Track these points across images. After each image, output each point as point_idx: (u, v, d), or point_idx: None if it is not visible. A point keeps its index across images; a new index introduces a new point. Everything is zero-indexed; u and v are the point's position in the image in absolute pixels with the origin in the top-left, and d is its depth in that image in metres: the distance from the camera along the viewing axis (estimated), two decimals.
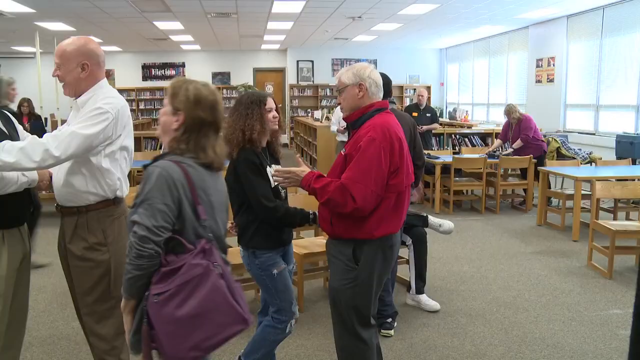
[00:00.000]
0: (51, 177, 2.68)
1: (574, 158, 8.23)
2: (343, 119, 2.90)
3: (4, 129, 2.56)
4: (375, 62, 17.25)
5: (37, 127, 9.19)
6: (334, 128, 8.12)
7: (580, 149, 8.70)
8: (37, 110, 12.28)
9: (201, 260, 1.95)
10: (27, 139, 2.51)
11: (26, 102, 9.60)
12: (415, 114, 9.18)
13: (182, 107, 2.07)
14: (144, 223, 1.91)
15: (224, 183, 2.28)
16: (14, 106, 7.70)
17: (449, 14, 11.21)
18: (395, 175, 2.63)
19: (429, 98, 17.78)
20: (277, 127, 3.06)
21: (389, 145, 2.59)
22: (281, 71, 18.54)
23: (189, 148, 2.06)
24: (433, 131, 9.83)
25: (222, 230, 2.20)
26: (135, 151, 9.80)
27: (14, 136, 2.65)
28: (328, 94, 17.73)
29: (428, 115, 9.64)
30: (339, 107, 8.06)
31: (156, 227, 1.91)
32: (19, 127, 2.78)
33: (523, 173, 8.47)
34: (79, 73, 2.64)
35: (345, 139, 7.39)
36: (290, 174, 2.76)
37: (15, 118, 2.78)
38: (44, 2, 9.58)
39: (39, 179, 2.61)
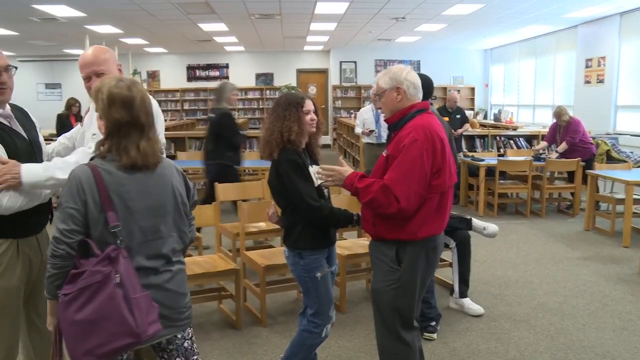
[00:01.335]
0: None
1: (625, 161, 7.98)
2: (385, 120, 2.87)
3: (24, 134, 2.54)
4: (418, 64, 17.11)
5: None
6: (358, 130, 8.00)
7: (632, 152, 8.43)
8: (84, 111, 12.62)
9: (102, 267, 1.93)
10: (77, 153, 2.52)
11: (77, 102, 9.83)
12: (446, 119, 8.99)
13: (101, 111, 2.05)
14: (57, 226, 1.98)
15: (164, 184, 2.13)
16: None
17: (494, 14, 11.02)
18: (437, 176, 2.60)
19: (472, 99, 17.61)
20: (314, 129, 3.04)
21: (431, 145, 2.56)
22: (324, 72, 18.55)
23: (111, 151, 2.03)
24: (466, 132, 9.69)
25: (151, 236, 2.08)
26: (179, 151, 10.02)
27: (37, 141, 2.64)
28: (371, 95, 17.61)
29: (458, 117, 9.45)
30: (363, 108, 8.01)
31: (66, 230, 1.96)
32: (38, 127, 2.75)
33: (570, 176, 8.26)
34: None
35: (371, 141, 7.40)
36: (334, 172, 2.76)
37: (63, 118, 2.83)
38: (94, 7, 9.82)
39: None
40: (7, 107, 2.49)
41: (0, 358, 2.48)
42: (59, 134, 9.21)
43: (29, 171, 2.32)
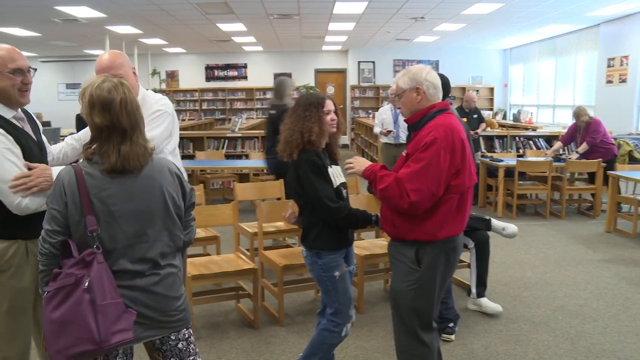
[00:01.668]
0: None
1: None
2: (404, 120, 2.86)
3: (33, 135, 2.59)
4: (437, 63, 17.03)
5: None
6: (376, 129, 7.92)
7: None
8: None
9: (77, 270, 1.94)
10: None
11: None
12: (465, 119, 8.91)
13: (85, 115, 2.04)
14: (43, 226, 2.02)
15: (151, 187, 2.09)
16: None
17: (514, 13, 10.94)
18: (456, 176, 2.59)
19: (491, 99, 17.48)
20: (335, 129, 3.04)
21: (451, 145, 2.55)
22: (342, 72, 18.54)
23: (94, 154, 2.03)
24: (485, 132, 9.61)
25: (136, 240, 2.05)
26: (198, 150, 10.10)
27: (42, 142, 2.69)
28: (389, 94, 17.56)
29: (475, 117, 9.35)
30: (381, 108, 7.96)
31: (49, 230, 2.00)
32: (41, 130, 2.78)
33: (591, 177, 8.16)
34: (135, 79, 2.78)
35: (389, 141, 7.36)
36: (356, 161, 2.82)
37: (83, 119, 2.87)
38: (114, 7, 9.92)
39: None
40: (19, 110, 2.54)
41: (15, 355, 2.51)
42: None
43: None
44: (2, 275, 2.42)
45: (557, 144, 8.66)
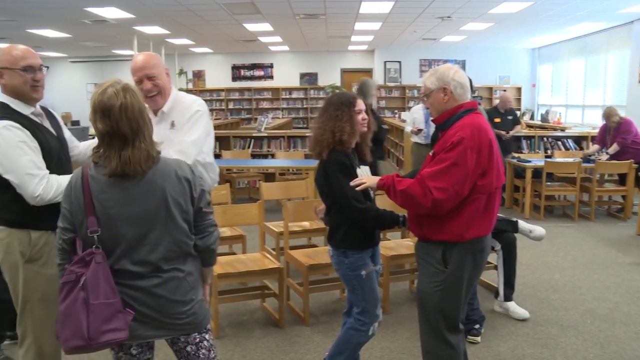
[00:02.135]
0: None
1: None
2: (432, 120, 2.84)
3: (53, 131, 2.72)
4: (463, 63, 16.89)
5: None
6: (408, 129, 7.87)
7: None
8: None
9: (78, 268, 2.00)
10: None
11: None
12: (498, 120, 8.76)
13: (90, 121, 2.07)
14: (57, 223, 2.11)
15: (153, 191, 2.07)
16: None
17: (543, 12, 10.78)
18: (483, 177, 2.56)
19: (518, 99, 17.28)
20: (366, 129, 3.04)
21: (477, 145, 2.53)
22: (368, 72, 18.51)
23: (100, 158, 2.06)
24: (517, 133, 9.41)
25: (136, 243, 2.06)
26: (224, 150, 10.16)
27: (63, 137, 2.81)
28: (415, 94, 17.54)
29: (510, 118, 9.11)
30: (413, 107, 7.90)
31: (61, 228, 2.09)
32: (64, 128, 2.91)
33: (622, 179, 8.02)
34: (168, 79, 2.86)
35: (420, 141, 7.31)
36: (363, 179, 2.82)
37: None
38: (142, 8, 10.04)
39: None
40: (38, 106, 2.66)
41: (48, 344, 2.64)
42: None
43: None
44: (34, 264, 2.58)
45: (595, 147, 8.48)
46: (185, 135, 2.83)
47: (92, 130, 12.57)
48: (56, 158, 2.64)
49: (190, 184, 2.15)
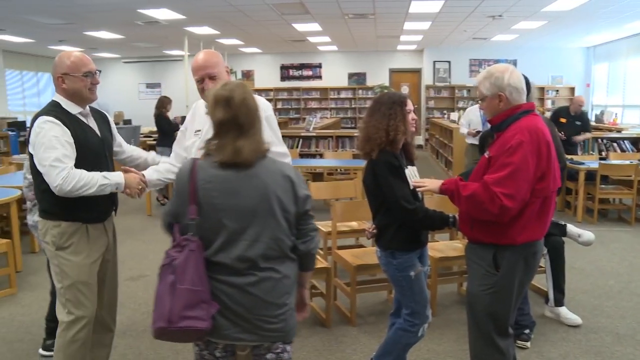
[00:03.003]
0: (143, 186, 2.90)
1: None
2: (487, 121, 2.79)
3: (97, 131, 2.92)
4: (515, 63, 16.56)
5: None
6: (463, 130, 7.72)
7: None
8: (183, 110, 13.10)
9: (174, 252, 2.07)
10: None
11: (170, 101, 9.96)
12: (563, 120, 8.52)
13: (209, 115, 2.14)
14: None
15: (258, 186, 2.10)
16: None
17: (600, 9, 10.48)
18: (541, 180, 2.51)
19: (571, 99, 16.81)
20: (414, 129, 3.02)
21: (537, 148, 2.48)
22: (417, 72, 18.37)
23: (212, 148, 2.11)
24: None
25: (236, 236, 2.08)
26: None
27: (107, 138, 3.00)
28: (465, 95, 17.33)
29: (578, 123, 8.73)
30: (469, 108, 7.75)
31: (165, 211, 2.22)
32: (115, 131, 3.13)
33: None
34: (227, 78, 2.88)
35: (476, 142, 7.14)
36: (426, 182, 2.80)
37: (161, 119, 3.08)
38: (193, 9, 10.23)
39: (127, 185, 2.79)
40: (87, 107, 2.90)
41: (80, 325, 2.81)
42: (159, 132, 9.62)
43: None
44: (64, 252, 2.79)
45: None
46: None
47: (143, 129, 12.88)
48: (94, 156, 2.83)
49: (293, 184, 2.17)
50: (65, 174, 2.59)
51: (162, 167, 3.10)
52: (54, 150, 2.61)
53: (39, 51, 16.26)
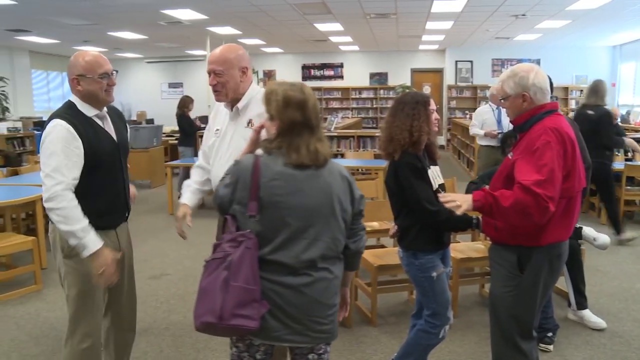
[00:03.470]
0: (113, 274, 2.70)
1: None
2: (510, 122, 2.76)
3: (113, 135, 2.79)
4: (538, 62, 16.38)
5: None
6: (477, 131, 7.36)
7: None
8: (205, 110, 13.20)
9: (229, 247, 2.04)
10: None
11: (192, 101, 10.01)
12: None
13: (275, 112, 2.12)
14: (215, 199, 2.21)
15: (323, 186, 2.11)
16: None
17: (627, 6, 10.28)
18: (566, 179, 2.47)
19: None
20: (437, 128, 3.00)
21: (562, 147, 2.44)
22: (439, 72, 18.25)
23: (280, 148, 2.10)
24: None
25: (298, 235, 2.07)
26: None
27: (124, 143, 2.89)
28: (487, 95, 17.16)
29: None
30: (480, 108, 7.54)
31: (222, 194, 2.16)
32: (128, 131, 3.01)
33: None
34: (240, 77, 2.80)
35: (491, 144, 6.99)
36: (455, 197, 2.58)
37: (184, 119, 3.01)
38: (216, 9, 10.28)
39: (99, 257, 2.58)
40: (104, 109, 2.76)
41: (83, 340, 2.72)
42: (181, 132, 9.70)
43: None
44: (72, 260, 2.66)
45: None
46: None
47: (165, 129, 12.97)
48: (109, 162, 2.73)
49: (350, 184, 2.21)
50: (60, 189, 2.48)
51: (195, 182, 3.03)
52: (55, 158, 2.51)
53: (63, 52, 16.47)
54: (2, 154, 10.55)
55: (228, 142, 2.82)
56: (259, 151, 2.18)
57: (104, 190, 2.72)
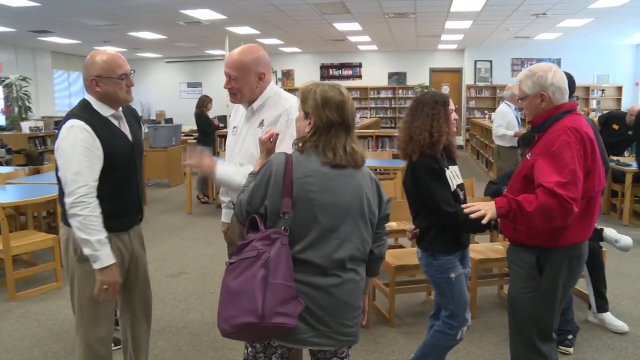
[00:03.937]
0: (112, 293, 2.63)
1: None
2: (528, 122, 2.73)
3: (129, 135, 2.74)
4: (558, 62, 16.22)
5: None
6: (504, 131, 7.20)
7: None
8: (224, 109, 13.26)
9: (261, 245, 2.01)
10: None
11: (211, 100, 10.06)
12: (616, 127, 8.13)
13: (312, 111, 2.12)
14: (241, 198, 2.19)
15: (354, 185, 2.12)
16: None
17: None
18: (586, 179, 2.45)
19: (618, 99, 16.39)
20: (456, 128, 2.98)
21: (582, 147, 2.42)
22: (458, 71, 18.15)
23: (317, 146, 2.10)
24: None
25: (328, 234, 2.06)
26: None
27: (139, 143, 2.85)
28: (503, 95, 17.02)
29: (630, 133, 8.11)
30: (503, 109, 7.42)
31: (245, 200, 2.15)
32: (143, 132, 2.97)
33: None
34: (256, 83, 2.71)
35: (513, 144, 6.87)
36: (478, 205, 2.54)
37: (202, 118, 2.96)
38: (234, 9, 10.32)
39: (105, 275, 2.52)
40: (120, 109, 2.71)
41: (93, 345, 2.68)
42: (199, 131, 9.74)
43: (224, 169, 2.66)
44: (86, 264, 2.54)
45: None
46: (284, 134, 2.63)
47: (184, 128, 13.04)
48: (124, 163, 2.67)
49: (378, 187, 2.23)
50: (83, 193, 2.43)
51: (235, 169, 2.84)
52: (77, 160, 2.45)
53: (84, 52, 16.64)
54: (24, 153, 10.69)
55: (242, 141, 2.80)
56: (289, 149, 2.17)
57: (118, 192, 2.65)
